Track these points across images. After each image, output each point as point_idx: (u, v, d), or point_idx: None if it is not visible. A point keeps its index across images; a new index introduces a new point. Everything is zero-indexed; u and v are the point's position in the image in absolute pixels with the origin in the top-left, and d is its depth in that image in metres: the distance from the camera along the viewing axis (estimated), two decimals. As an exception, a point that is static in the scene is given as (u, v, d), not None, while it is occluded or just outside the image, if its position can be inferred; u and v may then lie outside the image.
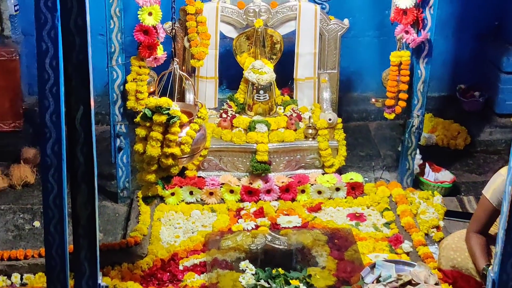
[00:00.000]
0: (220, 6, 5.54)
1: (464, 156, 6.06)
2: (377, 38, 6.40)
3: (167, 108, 4.12)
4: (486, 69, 6.45)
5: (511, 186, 3.54)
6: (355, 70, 6.38)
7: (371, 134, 6.34)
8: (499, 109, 6.32)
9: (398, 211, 5.16)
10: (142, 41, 4.90)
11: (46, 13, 3.28)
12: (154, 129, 4.13)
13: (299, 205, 5.24)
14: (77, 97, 3.34)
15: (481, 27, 6.45)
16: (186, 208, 5.21)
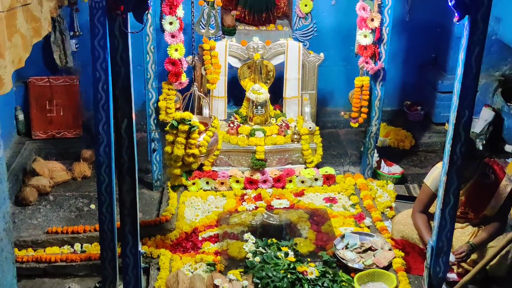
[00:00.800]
0: (228, 44, 5.55)
1: (409, 154, 6.06)
2: (345, 67, 6.39)
3: (189, 120, 4.14)
4: (426, 89, 6.47)
5: (445, 176, 3.56)
6: (328, 90, 6.40)
7: (341, 138, 6.34)
8: (435, 119, 6.34)
9: (361, 195, 5.17)
10: (170, 70, 4.90)
11: (99, 50, 3.30)
12: (179, 135, 4.15)
13: (288, 192, 5.25)
14: (122, 112, 3.37)
15: (422, 58, 6.47)
16: (204, 194, 5.21)
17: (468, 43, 3.29)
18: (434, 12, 6.17)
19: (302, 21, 5.83)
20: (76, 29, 6.02)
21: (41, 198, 5.21)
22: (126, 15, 3.10)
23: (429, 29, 6.30)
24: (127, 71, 3.23)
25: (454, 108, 3.44)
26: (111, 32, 3.14)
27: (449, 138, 3.50)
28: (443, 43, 6.30)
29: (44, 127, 5.93)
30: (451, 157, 3.51)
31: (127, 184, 3.51)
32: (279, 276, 4.03)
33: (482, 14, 3.23)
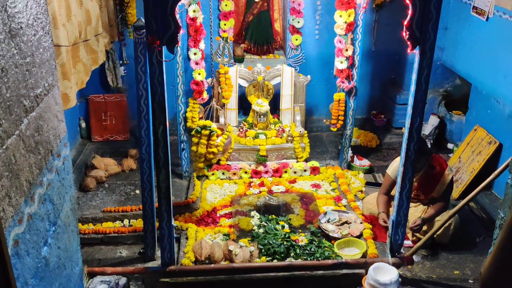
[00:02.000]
0: (238, 69, 5.55)
1: (375, 151, 6.03)
2: (326, 86, 6.33)
3: (209, 126, 4.16)
4: (387, 102, 6.44)
5: (402, 167, 3.56)
6: (314, 103, 6.36)
7: (323, 139, 6.30)
8: (395, 124, 6.30)
9: (339, 182, 5.15)
10: (194, 89, 4.92)
11: (141, 74, 3.32)
12: (202, 138, 4.17)
13: (284, 180, 5.22)
14: (158, 121, 3.38)
15: (384, 78, 6.44)
16: (221, 182, 5.19)
17: (419, 67, 3.29)
18: (393, 43, 6.14)
19: (293, 51, 5.81)
20: (124, 58, 6.03)
21: (99, 186, 5.22)
22: (161, 48, 3.10)
23: (390, 56, 6.27)
24: (162, 90, 3.24)
25: (409, 116, 3.44)
26: (150, 61, 3.15)
27: (405, 139, 3.50)
28: (400, 67, 6.28)
29: (100, 132, 5.94)
30: (406, 153, 3.51)
31: (163, 174, 3.52)
32: (277, 243, 4.03)
33: (429, 45, 3.23)
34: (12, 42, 1.87)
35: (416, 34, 3.21)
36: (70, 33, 4.08)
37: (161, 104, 3.28)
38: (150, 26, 3.02)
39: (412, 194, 4.02)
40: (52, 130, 2.32)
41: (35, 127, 2.09)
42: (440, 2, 3.11)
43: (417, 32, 3.21)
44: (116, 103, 5.91)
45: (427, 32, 3.17)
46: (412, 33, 3.21)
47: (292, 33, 5.69)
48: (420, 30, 3.19)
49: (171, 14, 3.01)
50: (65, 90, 3.95)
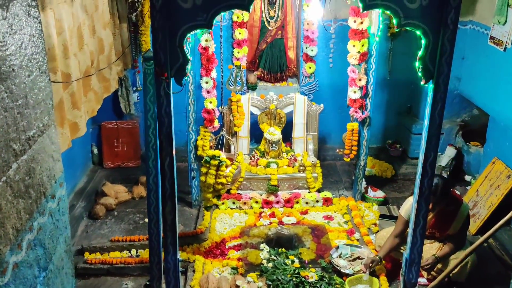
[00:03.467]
0: (250, 97, 5.51)
1: (390, 182, 5.90)
2: (339, 114, 6.27)
3: (218, 156, 4.09)
4: (403, 131, 6.32)
5: (416, 204, 3.43)
6: (327, 131, 6.28)
7: (337, 168, 6.20)
8: (411, 155, 6.15)
9: (352, 214, 5.02)
10: (206, 118, 4.89)
11: (150, 104, 3.28)
12: (211, 168, 4.10)
13: (295, 210, 5.12)
14: (165, 152, 3.33)
15: (400, 107, 6.34)
16: (231, 212, 5.10)
17: (432, 101, 3.19)
18: (409, 72, 6.03)
19: (307, 79, 5.78)
20: (137, 85, 6.04)
21: (108, 213, 5.18)
22: (169, 80, 3.07)
23: (405, 85, 6.18)
24: (169, 121, 3.20)
25: (422, 150, 3.33)
26: (158, 92, 3.12)
27: (419, 174, 3.38)
28: (415, 96, 6.18)
29: (112, 159, 5.93)
30: (420, 188, 3.39)
31: (169, 206, 3.46)
32: (286, 279, 3.92)
33: (443, 79, 3.14)
34: (1, 85, 1.82)
35: (430, 68, 3.13)
36: (81, 62, 4.10)
37: (168, 135, 3.23)
38: (158, 58, 3.00)
39: (427, 232, 3.88)
40: (46, 171, 2.26)
41: (26, 170, 2.03)
42: (454, 35, 3.03)
43: (430, 66, 3.12)
44: (128, 130, 5.90)
45: (441, 65, 3.09)
46: (425, 66, 3.13)
47: (305, 61, 5.66)
48: (433, 63, 3.11)
49: (179, 46, 2.98)
50: (74, 119, 3.95)
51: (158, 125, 3.23)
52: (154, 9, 2.91)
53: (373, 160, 6.19)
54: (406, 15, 2.98)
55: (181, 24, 2.96)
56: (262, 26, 5.67)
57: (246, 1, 2.90)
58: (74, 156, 5.35)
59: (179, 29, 2.97)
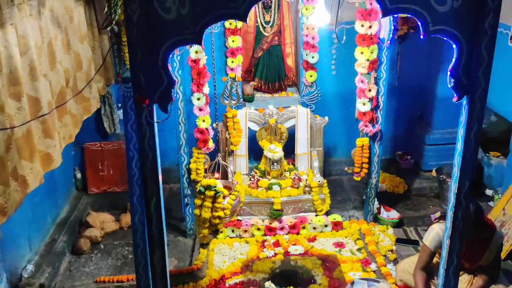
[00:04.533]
0: (248, 111, 5.00)
1: (403, 198, 5.40)
2: (345, 124, 5.78)
3: (214, 186, 3.58)
4: (414, 141, 5.85)
5: (448, 239, 2.93)
6: (332, 144, 5.80)
7: (344, 184, 5.72)
8: (424, 167, 5.67)
9: (366, 240, 4.52)
10: (199, 138, 4.38)
11: (131, 133, 2.76)
12: (206, 200, 3.59)
13: (302, 237, 4.62)
14: (151, 191, 2.81)
15: (410, 115, 5.85)
16: (230, 241, 4.60)
17: (467, 120, 2.68)
18: (419, 77, 5.60)
19: (308, 88, 5.27)
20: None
21: (94, 247, 4.67)
22: (152, 107, 2.55)
23: (415, 91, 5.70)
24: (154, 156, 2.68)
25: (455, 178, 2.82)
26: (139, 122, 2.59)
27: (451, 206, 2.87)
28: (427, 103, 5.69)
29: (97, 184, 5.41)
30: (453, 222, 2.88)
31: (157, 254, 2.93)
32: (297, 327, 3.40)
33: (479, 95, 2.64)
34: None
35: (463, 81, 2.63)
36: (54, 83, 3.57)
37: (153, 171, 2.72)
38: (137, 82, 2.48)
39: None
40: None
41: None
42: (493, 42, 2.53)
43: (464, 79, 2.62)
44: (114, 152, 5.38)
45: (477, 78, 2.58)
46: (459, 81, 2.63)
47: (306, 69, 5.15)
48: (468, 76, 2.61)
49: (162, 66, 2.47)
50: (47, 150, 3.42)
51: (141, 159, 2.71)
52: (130, 22, 2.39)
53: (383, 174, 5.69)
54: (435, 20, 2.48)
55: (164, 39, 2.45)
56: (257, 32, 5.17)
57: (241, 10, 2.39)
58: (55, 182, 4.84)
59: (162, 46, 2.45)
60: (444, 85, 5.39)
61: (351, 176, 5.68)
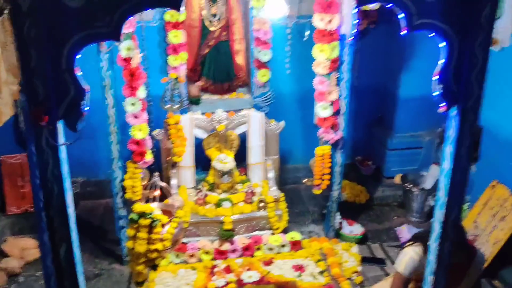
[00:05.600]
0: (193, 116, 4.38)
1: (366, 209, 4.96)
2: (301, 127, 5.34)
3: (150, 214, 2.94)
4: (375, 145, 5.43)
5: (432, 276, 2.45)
6: (288, 150, 5.29)
7: (301, 194, 5.22)
8: (386, 173, 5.24)
9: (328, 262, 4.01)
10: (134, 150, 3.73)
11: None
12: (140, 230, 2.94)
13: (256, 260, 4.05)
14: (59, 236, 2.15)
15: (369, 117, 5.41)
16: (174, 268, 3.99)
17: (458, 134, 2.19)
18: (378, 76, 5.18)
19: (260, 89, 4.70)
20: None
21: (11, 281, 3.92)
22: (55, 126, 1.89)
23: (374, 91, 5.27)
24: (60, 189, 2.03)
25: (442, 204, 2.33)
26: (38, 144, 1.93)
27: (436, 237, 2.39)
28: (388, 104, 5.26)
29: (17, 202, 4.62)
30: (439, 256, 2.40)
31: (73, 312, 2.27)
32: None
33: (472, 103, 2.15)
34: None
35: (453, 88, 2.14)
36: None
37: (60, 210, 2.07)
38: (32, 91, 1.82)
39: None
40: None
41: None
42: (489, 41, 2.06)
43: (454, 85, 2.13)
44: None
45: (470, 84, 2.10)
46: (447, 87, 2.13)
47: (258, 67, 4.59)
48: (458, 82, 2.12)
49: (67, 70, 1.82)
50: None
51: (44, 195, 2.04)
52: (18, 12, 1.73)
53: (343, 181, 5.19)
54: (421, 12, 1.96)
55: (68, 35, 1.80)
56: (203, 26, 4.54)
57: (174, -5, 1.77)
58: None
59: (66, 43, 1.80)
60: (407, 85, 4.99)
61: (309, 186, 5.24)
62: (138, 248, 2.91)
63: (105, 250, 4.26)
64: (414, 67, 4.89)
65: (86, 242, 4.39)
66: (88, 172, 5.15)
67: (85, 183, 5.18)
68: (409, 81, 4.96)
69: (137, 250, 2.91)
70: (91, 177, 5.17)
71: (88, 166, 5.12)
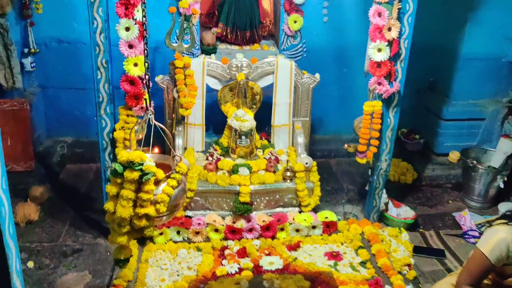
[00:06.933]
0: (206, 61, 3.47)
1: (413, 190, 4.05)
2: (336, 91, 4.45)
3: (140, 163, 2.03)
4: (424, 116, 4.47)
5: None
6: (317, 116, 4.35)
7: (333, 169, 4.32)
8: (438, 150, 4.31)
9: (372, 250, 3.10)
10: (128, 91, 2.83)
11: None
12: (125, 187, 2.04)
13: (279, 243, 3.16)
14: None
15: (418, 82, 4.43)
16: (174, 247, 3.11)
17: None
18: (431, 30, 4.20)
19: (290, 40, 3.79)
20: (31, 45, 3.90)
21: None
22: None
23: (425, 49, 4.27)
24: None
25: None
26: None
27: None
28: (443, 66, 4.29)
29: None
30: None
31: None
32: None
33: None
34: None
35: None
36: None
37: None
38: None
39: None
40: None
41: None
42: None
43: None
44: (13, 114, 3.76)
45: None
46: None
47: (288, 11, 3.69)
48: None
49: None
50: None
51: None
52: None
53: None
54: None
55: None
56: (223, -44, 3.64)
57: None
58: None
59: None
60: (470, 41, 4.03)
61: (341, 159, 4.41)
62: (121, 211, 2.02)
63: (90, 222, 3.41)
64: (481, 19, 3.94)
65: (67, 212, 3.56)
66: (78, 130, 4.29)
67: (74, 143, 4.31)
68: (473, 37, 4.00)
69: (119, 214, 2.02)
70: (81, 136, 4.29)
71: (78, 123, 4.26)
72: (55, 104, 4.22)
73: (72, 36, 4.00)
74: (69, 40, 4.02)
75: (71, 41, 4.02)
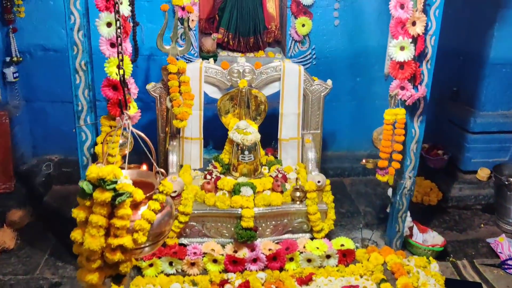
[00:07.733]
0: (204, 66, 3.08)
1: (438, 212, 3.59)
2: (349, 102, 4.04)
3: (113, 181, 1.60)
4: (446, 129, 4.01)
5: None
6: (329, 131, 3.94)
7: (347, 190, 3.86)
8: (464, 166, 3.83)
9: (398, 285, 2.63)
10: (110, 98, 2.42)
11: None
12: (95, 211, 1.61)
13: (288, 276, 2.69)
14: None
15: (441, 91, 3.99)
16: (165, 280, 2.66)
17: None
18: (456, 34, 3.79)
19: (298, 45, 3.41)
20: (14, 53, 3.54)
21: None
22: None
23: (449, 55, 3.85)
24: None
25: None
26: None
27: None
28: (468, 73, 3.86)
29: None
30: None
31: None
32: None
33: None
34: None
35: None
36: None
37: None
38: None
39: None
40: None
41: None
42: None
43: None
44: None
45: None
46: None
47: (296, 14, 3.31)
48: None
49: None
50: None
51: None
52: None
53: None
54: None
55: None
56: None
57: None
58: None
59: None
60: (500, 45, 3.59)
61: (356, 178, 3.94)
62: (90, 242, 1.59)
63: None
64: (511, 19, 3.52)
65: (48, 239, 3.14)
66: (66, 147, 3.88)
67: (62, 162, 3.90)
68: (502, 39, 3.57)
69: (88, 246, 1.59)
70: (69, 154, 3.89)
71: (66, 140, 3.84)
72: (41, 118, 3.83)
73: (59, 44, 3.62)
74: (56, 48, 3.64)
75: (58, 49, 3.64)
